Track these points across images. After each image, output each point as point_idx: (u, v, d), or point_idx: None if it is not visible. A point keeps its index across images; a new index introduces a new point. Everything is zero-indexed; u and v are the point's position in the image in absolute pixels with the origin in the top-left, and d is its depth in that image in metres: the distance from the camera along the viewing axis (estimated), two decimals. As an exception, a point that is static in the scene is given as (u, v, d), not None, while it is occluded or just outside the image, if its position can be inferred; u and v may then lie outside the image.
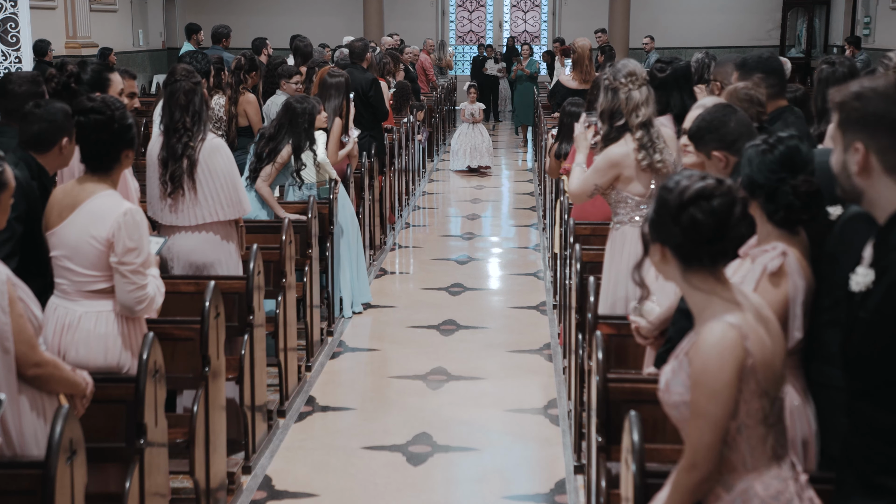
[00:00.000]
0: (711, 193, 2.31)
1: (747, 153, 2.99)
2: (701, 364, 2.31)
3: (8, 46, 7.29)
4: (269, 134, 6.28)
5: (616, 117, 4.42)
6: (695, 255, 2.34)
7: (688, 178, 2.36)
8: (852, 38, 15.80)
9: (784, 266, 2.89)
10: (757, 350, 2.31)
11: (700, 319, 2.38)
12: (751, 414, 2.33)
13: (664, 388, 2.46)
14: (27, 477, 2.85)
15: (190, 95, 4.85)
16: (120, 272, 3.56)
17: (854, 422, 2.30)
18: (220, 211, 4.90)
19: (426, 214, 11.06)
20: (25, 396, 3.00)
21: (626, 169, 4.38)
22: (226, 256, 5.00)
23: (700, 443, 2.33)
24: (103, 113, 3.56)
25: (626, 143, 4.41)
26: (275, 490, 4.58)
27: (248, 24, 18.98)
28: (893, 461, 2.19)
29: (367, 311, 7.26)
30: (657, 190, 2.41)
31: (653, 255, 2.41)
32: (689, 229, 2.31)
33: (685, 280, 2.38)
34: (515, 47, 18.70)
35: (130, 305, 3.60)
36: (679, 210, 2.31)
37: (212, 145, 4.88)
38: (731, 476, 2.36)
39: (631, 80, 4.39)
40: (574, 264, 5.07)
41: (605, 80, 4.48)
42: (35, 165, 3.82)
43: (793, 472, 2.41)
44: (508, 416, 5.46)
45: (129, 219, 3.55)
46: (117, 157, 3.62)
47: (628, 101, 4.38)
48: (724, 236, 2.32)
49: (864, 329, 2.22)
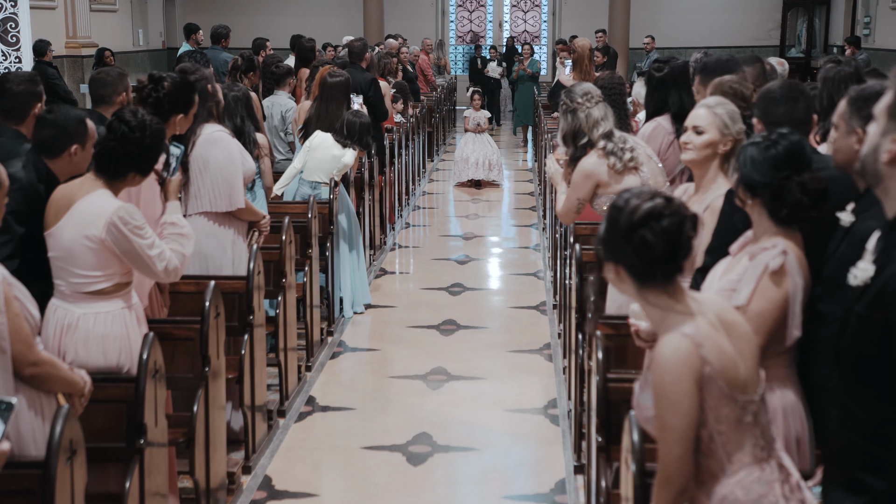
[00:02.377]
0: (661, 213, 2.32)
1: (747, 152, 2.98)
2: (658, 378, 2.32)
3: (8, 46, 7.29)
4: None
5: (578, 137, 4.58)
6: (649, 274, 2.35)
7: (637, 196, 2.37)
8: (852, 38, 15.80)
9: (785, 265, 2.89)
10: (714, 357, 2.31)
11: (659, 333, 2.39)
12: (721, 420, 2.32)
13: (636, 404, 2.48)
14: (27, 477, 2.84)
15: (181, 89, 4.82)
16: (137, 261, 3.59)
17: (839, 418, 2.29)
18: (209, 203, 4.93)
19: (426, 214, 11.06)
20: (23, 396, 3.00)
21: (602, 175, 4.50)
22: (219, 251, 4.99)
23: (669, 456, 2.33)
24: (134, 130, 3.56)
25: (594, 154, 4.55)
26: (275, 490, 4.58)
27: (248, 24, 18.98)
28: (874, 458, 2.19)
29: (367, 311, 7.26)
30: (608, 209, 2.42)
31: (607, 272, 2.43)
32: (641, 250, 2.32)
33: (641, 297, 2.40)
34: (515, 47, 18.68)
35: (165, 281, 3.77)
36: (630, 231, 2.33)
37: (211, 138, 4.89)
38: (712, 483, 2.36)
39: (587, 98, 4.55)
40: (574, 264, 5.07)
41: (562, 104, 4.64)
42: (44, 169, 3.81)
43: (780, 473, 2.39)
44: (508, 416, 5.46)
45: (122, 212, 3.54)
46: (124, 173, 3.62)
47: (588, 118, 4.54)
48: (675, 255, 2.33)
49: (857, 324, 2.22)
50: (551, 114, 11.94)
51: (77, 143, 3.83)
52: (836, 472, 2.30)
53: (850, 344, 2.24)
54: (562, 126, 4.67)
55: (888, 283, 2.15)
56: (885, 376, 2.16)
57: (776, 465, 2.39)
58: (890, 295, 2.14)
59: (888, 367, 2.14)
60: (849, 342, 2.25)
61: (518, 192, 12.47)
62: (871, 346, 2.17)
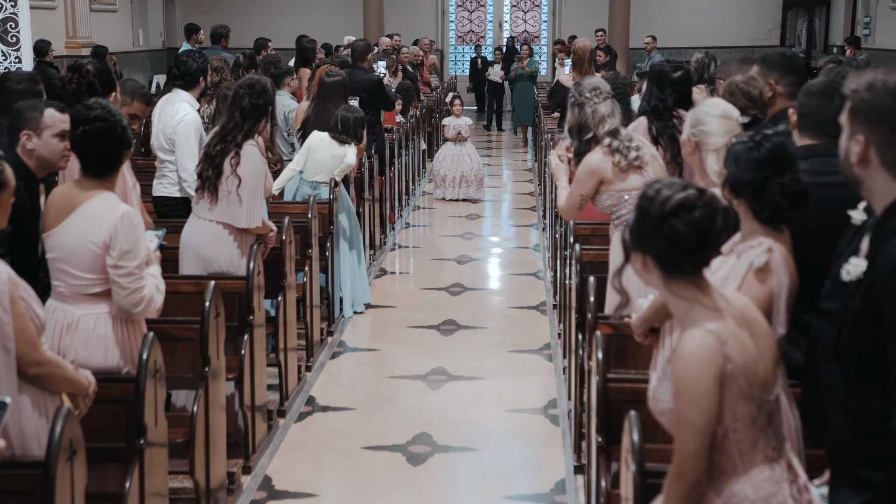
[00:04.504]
0: (693, 204, 2.31)
1: (734, 150, 2.99)
2: (680, 372, 2.31)
3: (8, 46, 7.29)
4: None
5: (584, 131, 4.54)
6: (676, 265, 2.35)
7: (669, 187, 2.36)
8: (852, 38, 15.81)
9: (769, 263, 2.91)
10: (737, 355, 2.31)
11: (682, 326, 2.39)
12: (737, 418, 2.33)
13: (651, 396, 2.48)
14: (27, 477, 2.84)
15: (237, 101, 5.01)
16: (114, 277, 3.56)
17: (843, 415, 2.30)
18: (229, 215, 4.98)
19: (426, 214, 11.06)
20: (27, 396, 3.00)
21: (606, 173, 4.46)
22: (230, 258, 5.01)
23: (685, 450, 2.33)
24: (107, 120, 3.56)
25: (599, 150, 4.52)
26: (275, 490, 4.58)
27: (249, 24, 18.99)
28: (878, 454, 2.19)
29: (367, 311, 7.26)
30: (638, 198, 2.42)
31: (634, 263, 2.42)
32: (671, 240, 2.32)
33: (667, 288, 2.39)
34: (515, 47, 18.65)
35: (127, 308, 3.60)
36: (661, 220, 2.32)
37: (245, 152, 4.97)
38: (722, 480, 2.36)
39: (595, 94, 4.51)
40: (574, 264, 5.07)
41: (571, 97, 4.61)
42: (22, 167, 3.81)
43: (790, 474, 2.39)
44: (508, 416, 5.46)
45: (126, 221, 3.55)
46: (119, 159, 3.64)
47: (594, 114, 4.49)
48: (705, 246, 2.32)
49: (853, 319, 2.23)
50: (551, 114, 11.94)
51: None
52: (841, 470, 2.31)
53: (847, 340, 2.25)
54: (568, 118, 4.64)
55: (877, 274, 2.17)
56: (882, 370, 2.17)
57: (786, 466, 2.40)
58: (879, 286, 2.16)
59: (884, 361, 2.15)
60: (846, 338, 2.26)
61: (518, 193, 12.47)
62: (867, 340, 2.18)
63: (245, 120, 5.01)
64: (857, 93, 2.29)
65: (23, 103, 3.98)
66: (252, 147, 5.03)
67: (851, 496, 2.25)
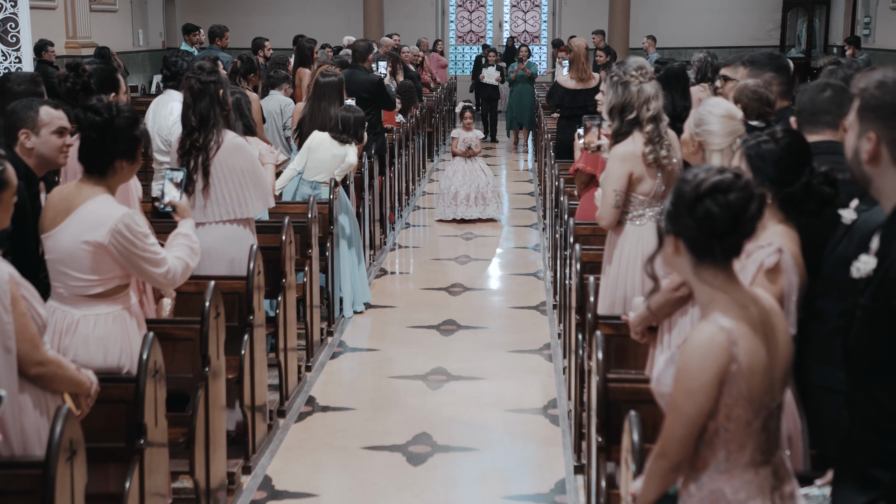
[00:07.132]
0: (729, 187, 2.29)
1: (761, 150, 3.00)
2: (685, 361, 2.32)
3: (8, 46, 7.29)
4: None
5: (627, 111, 4.34)
6: (707, 249, 2.33)
7: (706, 171, 2.35)
8: (852, 38, 15.81)
9: (780, 263, 2.90)
10: (745, 357, 2.30)
11: (703, 315, 2.38)
12: (731, 419, 2.32)
13: (656, 378, 2.48)
14: (27, 477, 2.84)
15: (196, 95, 4.86)
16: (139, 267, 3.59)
17: (850, 413, 2.30)
18: (234, 209, 4.96)
19: (426, 214, 11.05)
20: (28, 395, 3.00)
21: (637, 166, 4.32)
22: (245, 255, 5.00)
23: (671, 434, 2.35)
24: (101, 115, 3.54)
25: (633, 140, 4.36)
26: (275, 490, 4.58)
27: (248, 24, 18.98)
28: (885, 453, 2.19)
29: (367, 311, 7.26)
30: (676, 182, 2.40)
31: (666, 246, 2.39)
32: (703, 222, 2.30)
33: (695, 274, 2.37)
34: (515, 47, 18.64)
35: (165, 287, 3.77)
36: (695, 202, 2.30)
37: (233, 145, 4.92)
38: (704, 474, 2.37)
39: (641, 73, 4.33)
40: (574, 264, 5.07)
41: (614, 76, 4.39)
42: (22, 166, 3.81)
43: (774, 480, 2.38)
44: (508, 416, 5.46)
45: (128, 219, 3.54)
46: (111, 162, 3.57)
47: (640, 94, 4.31)
48: (737, 231, 2.30)
49: (863, 316, 2.23)
50: (551, 114, 11.93)
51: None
52: (846, 469, 2.31)
53: (857, 337, 2.25)
54: (609, 99, 4.39)
55: (888, 271, 2.17)
56: (892, 367, 2.16)
57: (772, 472, 2.38)
58: (891, 282, 2.15)
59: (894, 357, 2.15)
60: (856, 335, 2.25)
61: (518, 193, 12.46)
62: (878, 336, 2.18)
63: (196, 101, 4.83)
64: (866, 90, 2.28)
65: (17, 103, 3.97)
66: (241, 140, 4.99)
67: (857, 494, 2.24)
